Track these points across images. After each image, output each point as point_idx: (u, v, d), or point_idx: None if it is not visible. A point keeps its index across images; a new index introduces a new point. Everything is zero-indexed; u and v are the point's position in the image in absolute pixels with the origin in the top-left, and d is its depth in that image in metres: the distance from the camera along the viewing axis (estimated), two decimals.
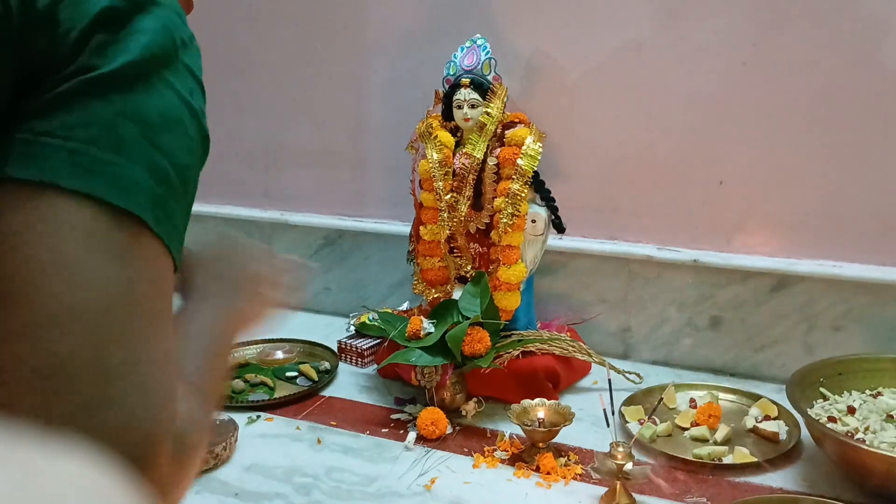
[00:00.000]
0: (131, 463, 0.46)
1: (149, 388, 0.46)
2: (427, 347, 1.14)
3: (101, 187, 0.44)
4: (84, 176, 0.44)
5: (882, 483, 0.90)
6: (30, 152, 0.44)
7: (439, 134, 1.21)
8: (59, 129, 0.44)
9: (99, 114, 0.46)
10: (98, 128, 0.45)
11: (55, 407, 0.42)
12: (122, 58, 0.47)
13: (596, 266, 1.32)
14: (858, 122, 1.14)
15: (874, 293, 1.16)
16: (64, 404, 0.43)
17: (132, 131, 0.47)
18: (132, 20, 0.48)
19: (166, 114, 0.50)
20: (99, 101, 0.46)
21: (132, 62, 0.47)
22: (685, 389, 1.19)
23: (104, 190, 0.44)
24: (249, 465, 1.03)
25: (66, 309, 0.43)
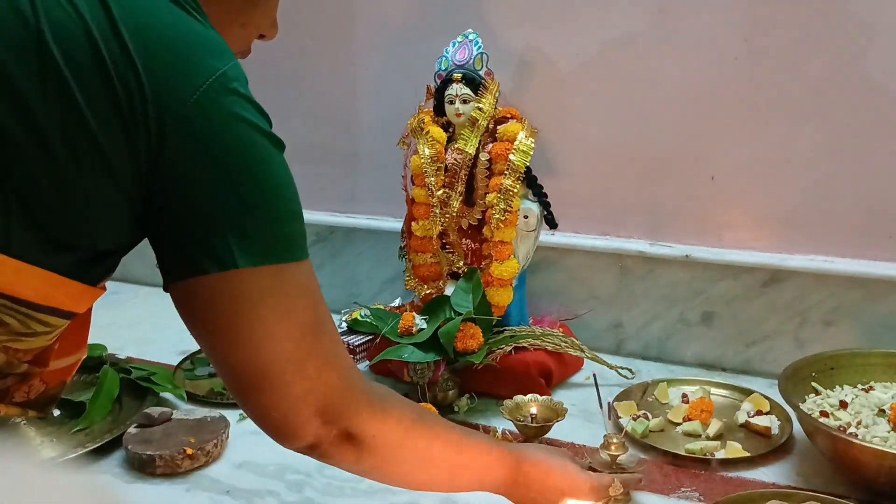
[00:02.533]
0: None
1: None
2: (419, 344, 1.14)
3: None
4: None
5: (874, 477, 0.90)
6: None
7: (431, 129, 1.21)
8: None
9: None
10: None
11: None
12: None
13: (588, 262, 1.32)
14: (849, 117, 1.14)
15: (865, 288, 1.16)
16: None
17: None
18: None
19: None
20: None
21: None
22: (677, 384, 1.19)
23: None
24: (241, 462, 1.03)
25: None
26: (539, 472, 0.83)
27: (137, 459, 1.00)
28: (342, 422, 0.69)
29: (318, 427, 0.68)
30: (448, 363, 1.14)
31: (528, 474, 0.82)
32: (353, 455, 0.72)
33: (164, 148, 0.58)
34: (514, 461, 0.82)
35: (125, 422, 1.08)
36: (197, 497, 0.96)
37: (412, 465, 0.77)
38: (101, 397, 1.13)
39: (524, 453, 0.84)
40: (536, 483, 0.83)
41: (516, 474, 0.82)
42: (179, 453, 0.99)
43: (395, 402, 0.75)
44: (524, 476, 0.82)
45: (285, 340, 0.65)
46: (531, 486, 0.83)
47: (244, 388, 0.67)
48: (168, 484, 0.98)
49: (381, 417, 0.72)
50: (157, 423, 1.06)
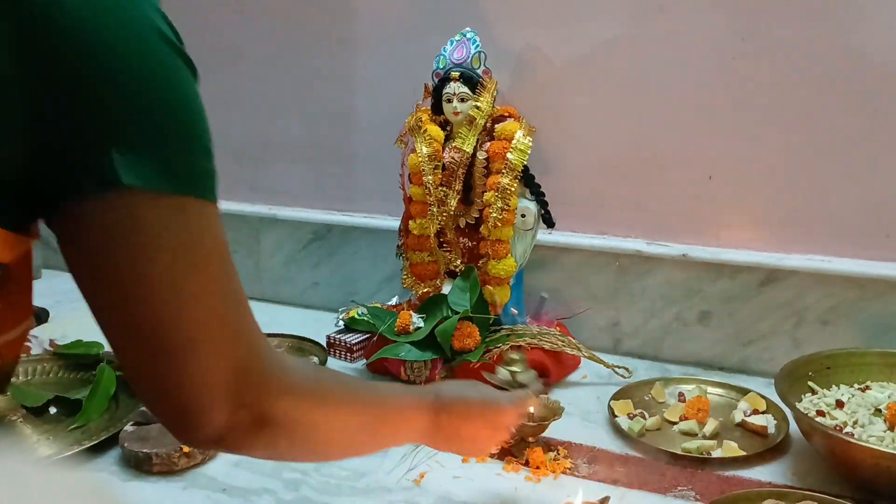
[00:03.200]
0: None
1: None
2: (416, 342, 1.14)
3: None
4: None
5: (870, 476, 0.90)
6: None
7: (429, 128, 1.21)
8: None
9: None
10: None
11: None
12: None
13: (585, 261, 1.32)
14: (847, 117, 1.15)
15: (862, 288, 1.16)
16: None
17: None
18: None
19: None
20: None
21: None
22: (674, 383, 1.19)
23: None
24: (237, 461, 1.03)
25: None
26: (460, 408, 0.81)
27: (134, 457, 1.00)
28: (257, 405, 0.59)
29: (229, 412, 0.57)
30: (445, 362, 1.14)
31: (449, 413, 0.79)
32: (266, 441, 0.62)
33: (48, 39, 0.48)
34: (431, 406, 0.78)
35: (122, 419, 1.08)
36: (193, 495, 0.96)
37: (332, 439, 0.70)
38: (97, 395, 1.13)
39: (440, 395, 0.80)
40: (459, 420, 0.80)
41: (437, 418, 0.78)
42: (176, 451, 0.99)
43: (309, 374, 0.68)
44: (446, 416, 0.79)
45: (190, 298, 0.54)
46: (455, 425, 0.80)
47: (136, 357, 0.55)
48: (165, 482, 0.98)
49: (298, 395, 0.64)
50: (153, 421, 1.06)
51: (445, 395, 0.81)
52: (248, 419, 0.59)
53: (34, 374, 1.26)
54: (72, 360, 1.27)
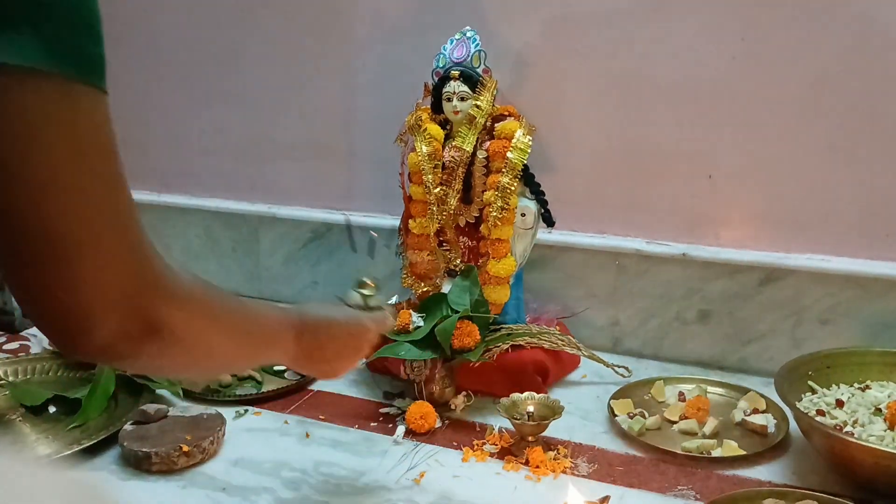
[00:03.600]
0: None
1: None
2: (416, 341, 1.14)
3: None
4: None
5: (870, 476, 0.90)
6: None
7: (428, 127, 1.21)
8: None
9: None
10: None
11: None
12: None
13: (585, 260, 1.32)
14: (848, 116, 1.14)
15: (862, 287, 1.16)
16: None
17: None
18: None
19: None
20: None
21: None
22: (674, 383, 1.19)
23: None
24: (237, 460, 1.03)
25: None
26: (323, 329, 0.81)
27: (133, 456, 1.00)
28: (148, 311, 0.57)
29: (120, 318, 0.55)
30: (445, 361, 1.13)
31: (314, 334, 0.80)
32: (154, 350, 0.59)
33: None
34: (296, 327, 0.78)
35: (121, 419, 1.08)
36: (193, 494, 0.96)
37: (214, 352, 0.69)
38: (96, 394, 1.13)
39: (303, 317, 0.80)
40: (324, 340, 0.81)
41: (301, 339, 0.78)
42: (175, 450, 0.99)
43: (197, 285, 0.66)
44: (310, 337, 0.79)
45: (76, 192, 0.51)
46: (319, 346, 0.81)
47: (20, 258, 0.52)
48: (164, 481, 0.98)
49: (189, 304, 0.62)
50: (152, 420, 1.06)
51: (309, 316, 0.80)
52: (138, 326, 0.57)
53: (33, 372, 1.25)
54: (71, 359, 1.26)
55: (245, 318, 0.73)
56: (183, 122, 1.61)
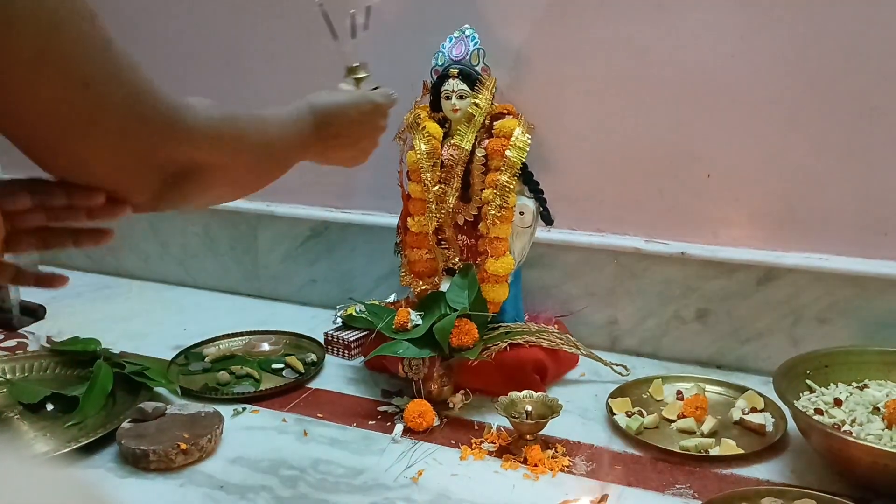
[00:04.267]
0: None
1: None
2: (414, 339, 1.14)
3: None
4: None
5: (868, 475, 0.90)
6: None
7: (427, 125, 1.21)
8: None
9: None
10: None
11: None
12: None
13: (584, 259, 1.32)
14: (846, 115, 1.14)
15: (860, 286, 1.16)
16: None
17: None
18: None
19: None
20: None
21: None
22: (672, 381, 1.19)
23: None
24: (235, 458, 1.03)
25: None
26: (336, 115, 0.83)
27: (131, 454, 1.00)
28: (174, 157, 0.61)
29: (151, 174, 0.59)
30: (443, 359, 1.13)
31: (329, 123, 0.82)
32: (195, 186, 0.64)
33: None
34: (311, 123, 0.81)
35: (119, 416, 1.08)
36: (190, 492, 0.96)
37: (245, 172, 0.73)
38: (94, 392, 1.13)
39: (314, 108, 0.82)
40: (339, 126, 0.83)
41: (318, 132, 0.81)
42: (173, 448, 0.99)
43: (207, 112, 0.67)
44: (326, 127, 0.82)
45: (67, 59, 0.52)
46: (337, 134, 0.83)
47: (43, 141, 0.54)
48: (162, 479, 0.98)
49: (207, 137, 0.65)
50: (150, 418, 1.06)
51: (319, 108, 0.83)
52: (171, 174, 0.60)
53: (31, 370, 1.25)
54: (69, 357, 1.26)
55: (264, 134, 0.75)
56: None
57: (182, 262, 1.64)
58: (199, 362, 1.29)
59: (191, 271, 1.64)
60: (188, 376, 1.24)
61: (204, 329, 1.40)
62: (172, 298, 1.59)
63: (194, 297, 1.60)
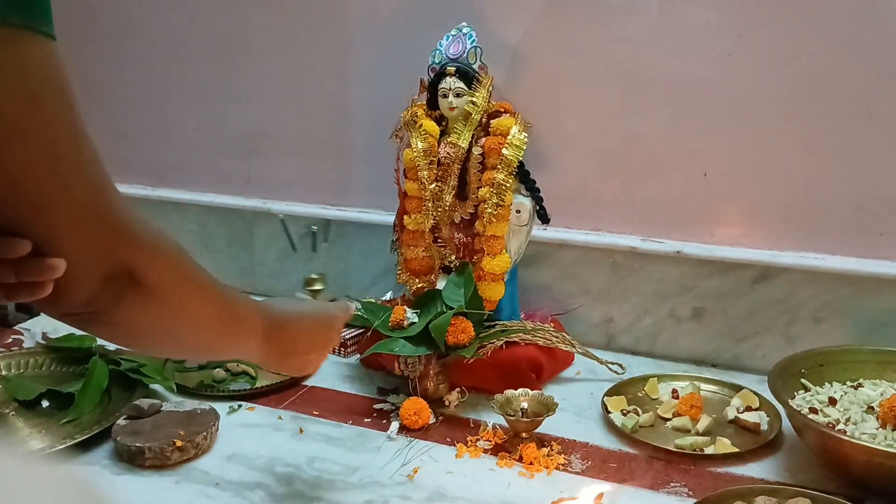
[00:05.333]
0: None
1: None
2: (410, 337, 1.14)
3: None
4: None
5: (862, 474, 0.90)
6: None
7: (424, 123, 1.20)
8: None
9: None
10: None
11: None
12: None
13: (580, 257, 1.32)
14: (842, 115, 1.15)
15: (855, 285, 1.17)
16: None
17: None
18: None
19: None
20: None
21: None
22: (667, 380, 1.19)
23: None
24: (230, 455, 1.03)
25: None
26: (292, 322, 0.81)
27: (126, 451, 1.00)
28: (127, 258, 0.58)
29: (100, 270, 0.57)
30: (439, 357, 1.13)
31: (283, 329, 0.79)
32: (135, 304, 0.60)
33: None
34: (263, 325, 0.76)
35: (114, 413, 1.08)
36: (186, 489, 0.96)
37: (191, 315, 0.68)
38: (90, 389, 1.13)
39: (269, 313, 0.78)
40: (293, 333, 0.81)
41: (270, 334, 0.77)
42: (169, 445, 0.99)
43: (166, 236, 0.65)
44: (279, 332, 0.78)
45: (38, 140, 0.51)
46: (290, 339, 0.80)
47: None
48: (157, 476, 0.98)
49: (164, 252, 0.63)
50: (146, 415, 1.06)
51: (275, 311, 0.80)
52: (118, 276, 0.58)
53: (26, 367, 1.25)
54: (64, 354, 1.26)
55: (220, 289, 0.72)
56: (178, 117, 1.60)
57: None
58: None
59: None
60: (184, 373, 1.24)
61: None
62: None
63: None
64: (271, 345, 0.78)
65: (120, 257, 0.58)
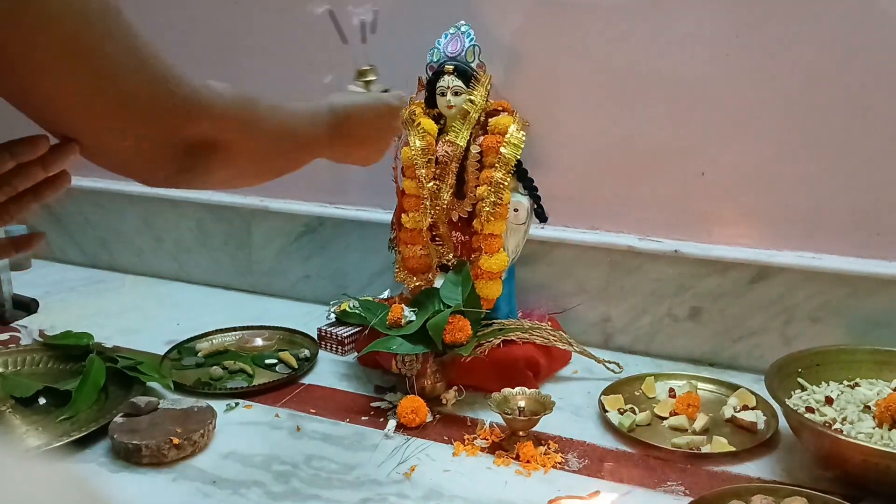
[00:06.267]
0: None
1: None
2: (408, 335, 1.14)
3: None
4: None
5: (859, 473, 0.90)
6: None
7: (422, 121, 1.21)
8: None
9: None
10: None
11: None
12: None
13: (577, 256, 1.32)
14: (840, 115, 1.15)
15: (852, 285, 1.17)
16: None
17: None
18: None
19: None
20: None
21: None
22: (664, 379, 1.20)
23: None
24: (228, 453, 1.02)
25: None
26: (354, 115, 0.87)
27: (123, 449, 1.00)
28: (194, 134, 0.66)
29: (173, 152, 0.64)
30: (436, 355, 1.14)
31: (347, 123, 0.86)
32: (215, 162, 0.69)
33: None
34: (329, 122, 0.85)
35: (111, 411, 1.08)
36: (183, 487, 0.96)
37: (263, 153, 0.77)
38: (87, 386, 1.13)
39: (333, 108, 0.87)
40: (356, 124, 0.87)
41: (337, 130, 0.85)
42: (166, 443, 0.99)
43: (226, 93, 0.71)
44: (344, 125, 0.86)
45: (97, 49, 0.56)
46: (353, 134, 0.88)
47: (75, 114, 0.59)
48: (154, 473, 0.98)
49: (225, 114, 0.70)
50: (143, 413, 1.06)
51: (337, 105, 0.87)
52: (192, 150, 0.64)
53: (23, 364, 1.25)
54: (61, 351, 1.26)
55: (283, 122, 0.80)
56: None
57: (176, 257, 1.64)
58: (192, 357, 1.29)
59: (184, 266, 1.64)
60: (181, 371, 1.24)
61: (197, 324, 1.40)
62: (166, 293, 1.59)
63: (188, 291, 1.60)
64: (339, 140, 0.86)
65: (190, 131, 0.65)
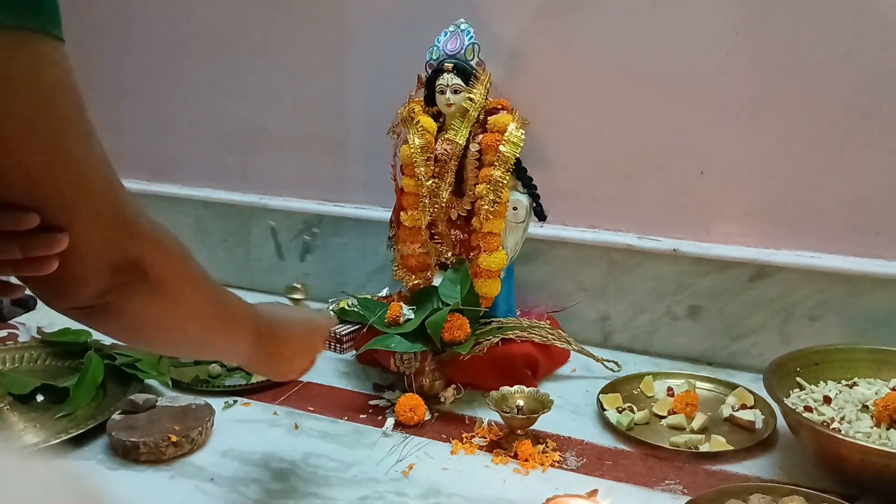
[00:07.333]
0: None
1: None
2: (406, 334, 1.14)
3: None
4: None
5: (857, 472, 0.90)
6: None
7: (421, 119, 1.20)
8: None
9: None
10: None
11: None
12: None
13: (576, 254, 1.32)
14: (839, 113, 1.15)
15: (851, 284, 1.17)
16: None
17: None
18: None
19: None
20: None
21: None
22: (663, 378, 1.20)
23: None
24: (226, 451, 1.02)
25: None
26: (281, 330, 0.82)
27: (121, 446, 1.00)
28: (135, 252, 0.60)
29: (110, 263, 0.59)
30: (435, 353, 1.13)
31: (271, 336, 0.81)
32: (142, 298, 0.62)
33: None
34: (255, 329, 0.78)
35: (109, 408, 1.08)
36: (181, 484, 0.96)
37: (193, 311, 0.70)
38: (85, 383, 1.12)
39: (259, 318, 0.80)
40: (282, 338, 0.82)
41: (259, 340, 0.79)
42: (164, 440, 0.99)
43: (170, 233, 0.66)
44: (269, 334, 0.80)
45: (53, 141, 0.53)
46: (277, 347, 0.82)
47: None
48: (152, 471, 0.98)
49: (169, 247, 0.65)
50: (141, 410, 1.06)
51: (266, 314, 0.81)
52: (127, 269, 0.60)
53: (21, 361, 1.25)
54: (59, 348, 1.26)
55: (217, 287, 0.74)
56: (175, 112, 1.60)
57: None
58: None
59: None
60: (179, 368, 1.24)
61: None
62: None
63: None
64: (260, 346, 0.80)
65: (128, 250, 0.60)
